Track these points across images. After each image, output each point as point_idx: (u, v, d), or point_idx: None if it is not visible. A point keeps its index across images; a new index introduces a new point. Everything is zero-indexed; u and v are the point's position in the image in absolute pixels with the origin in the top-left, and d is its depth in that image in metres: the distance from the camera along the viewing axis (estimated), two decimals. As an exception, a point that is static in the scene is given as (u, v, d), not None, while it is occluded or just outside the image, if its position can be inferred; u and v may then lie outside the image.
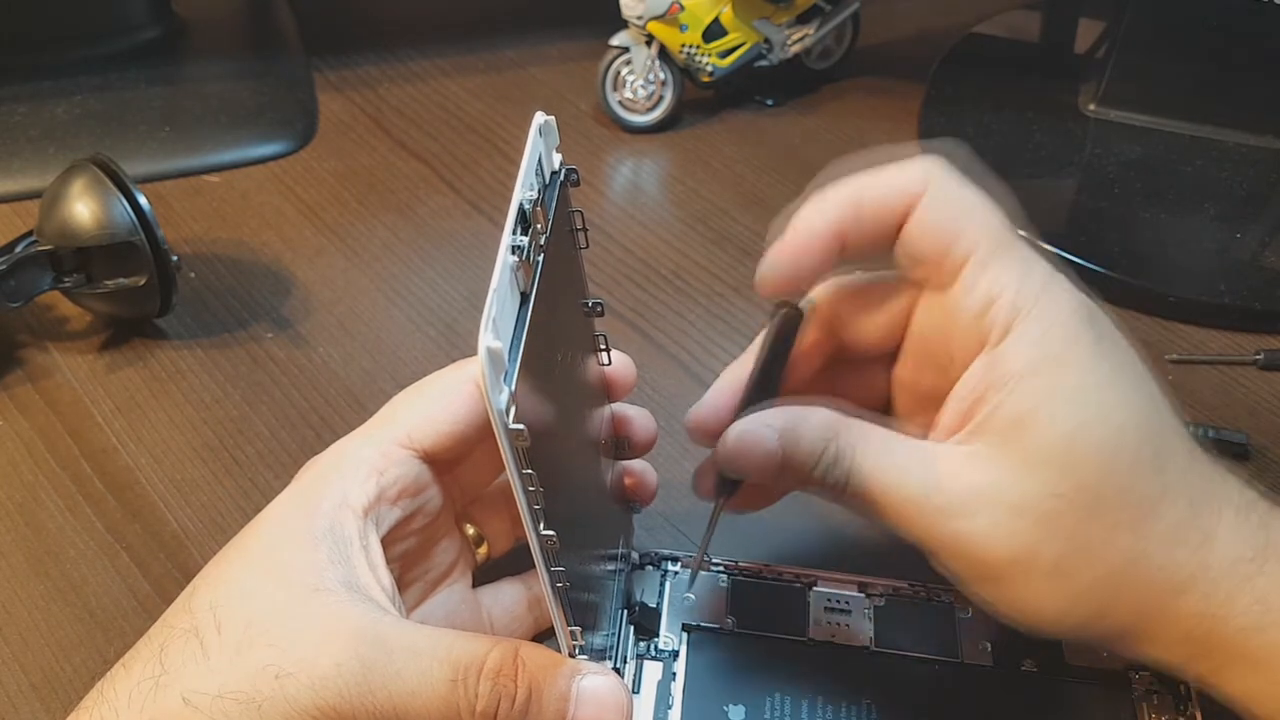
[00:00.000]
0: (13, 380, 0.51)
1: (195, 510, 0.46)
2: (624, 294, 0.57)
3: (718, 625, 0.40)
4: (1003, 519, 0.32)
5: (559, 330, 0.33)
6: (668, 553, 0.42)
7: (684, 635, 0.40)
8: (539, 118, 0.32)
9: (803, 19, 0.67)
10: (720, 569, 0.42)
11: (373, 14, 0.76)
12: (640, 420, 0.40)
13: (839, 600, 0.41)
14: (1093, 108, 0.66)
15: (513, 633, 0.40)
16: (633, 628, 0.39)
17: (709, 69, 0.65)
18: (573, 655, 0.33)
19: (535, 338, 0.29)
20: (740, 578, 0.42)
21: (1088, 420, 0.32)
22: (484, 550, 0.40)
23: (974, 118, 0.66)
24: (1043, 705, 0.38)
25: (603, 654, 0.36)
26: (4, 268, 0.48)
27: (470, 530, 0.40)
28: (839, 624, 0.40)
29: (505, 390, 0.27)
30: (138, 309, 0.51)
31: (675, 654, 0.39)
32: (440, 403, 0.36)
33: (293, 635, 0.30)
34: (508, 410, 0.27)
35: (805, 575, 0.42)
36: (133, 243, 0.49)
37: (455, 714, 0.31)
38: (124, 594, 0.43)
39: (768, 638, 0.40)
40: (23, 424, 0.49)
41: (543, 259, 0.30)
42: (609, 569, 0.38)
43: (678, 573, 0.42)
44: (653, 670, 0.39)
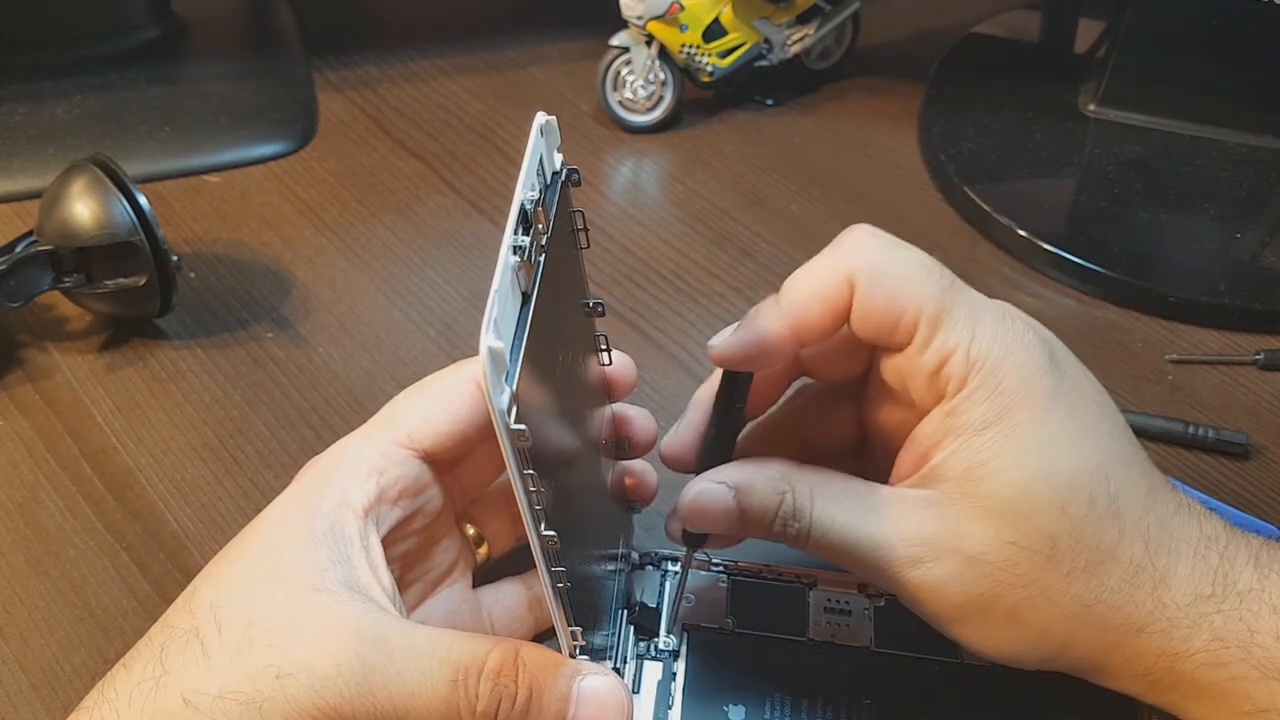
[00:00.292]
0: (13, 380, 0.51)
1: (195, 510, 0.46)
2: (624, 294, 0.57)
3: (717, 625, 0.40)
4: (959, 567, 0.33)
5: (560, 330, 0.33)
6: (668, 553, 0.42)
7: (684, 635, 0.40)
8: (540, 118, 0.32)
9: (803, 19, 0.67)
10: (720, 569, 0.42)
11: (373, 14, 0.76)
12: (640, 420, 0.40)
13: (839, 600, 0.41)
14: (1093, 108, 0.66)
15: (513, 633, 0.40)
16: (633, 628, 0.39)
17: (709, 69, 0.65)
18: (573, 655, 0.33)
19: (536, 338, 0.29)
20: (740, 578, 0.42)
21: (1041, 471, 0.32)
22: (484, 550, 0.40)
23: (974, 118, 0.66)
24: (1043, 705, 0.38)
25: (603, 654, 0.36)
26: (4, 268, 0.48)
27: (470, 530, 0.40)
28: (839, 624, 0.40)
29: (507, 390, 0.27)
30: (138, 309, 0.51)
31: (675, 654, 0.39)
32: (441, 403, 0.36)
33: (293, 635, 0.30)
34: (509, 410, 0.27)
35: (805, 575, 0.42)
36: (133, 243, 0.49)
37: (456, 714, 0.31)
38: (124, 594, 0.43)
39: (767, 638, 0.40)
40: (23, 424, 0.49)
41: (544, 259, 0.30)
42: (609, 569, 0.38)
43: (677, 572, 0.42)
44: (653, 670, 0.39)
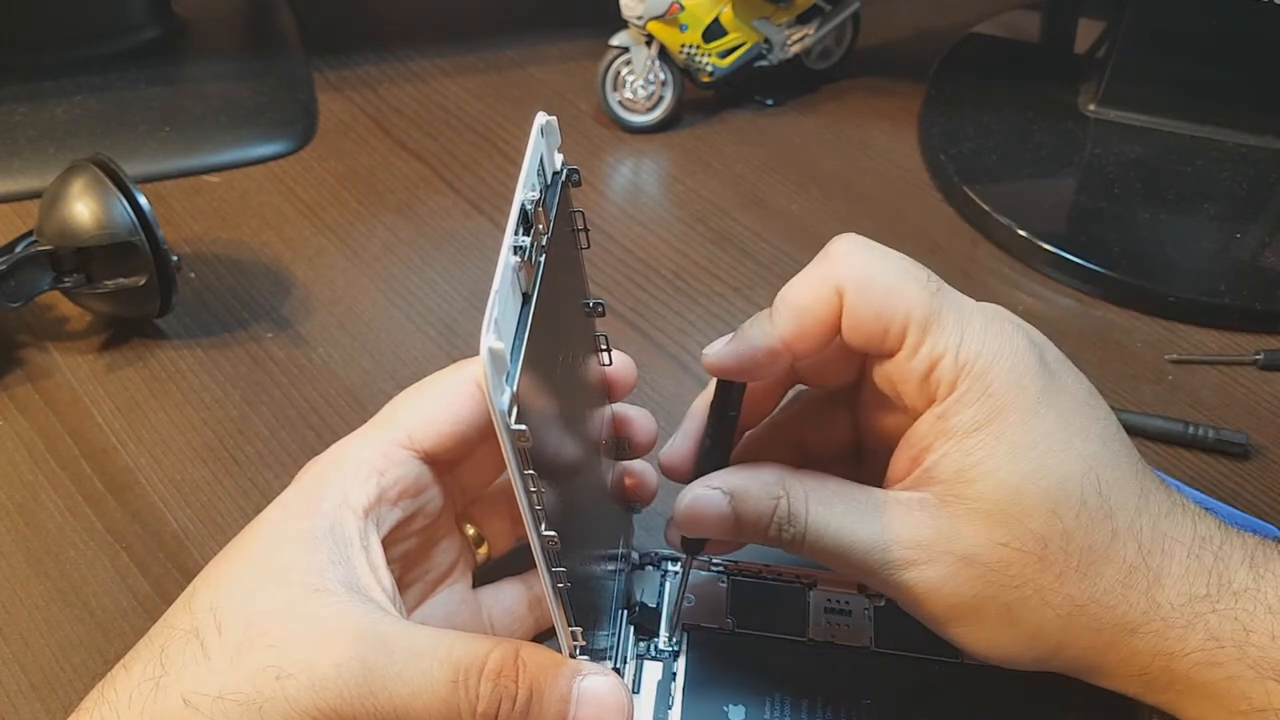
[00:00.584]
0: (13, 380, 0.51)
1: (195, 510, 0.46)
2: (624, 294, 0.56)
3: (717, 625, 0.40)
4: (952, 569, 0.33)
5: (560, 331, 0.33)
6: (668, 553, 0.42)
7: (684, 635, 0.40)
8: (541, 118, 0.32)
9: (803, 19, 0.67)
10: (720, 569, 0.42)
11: (373, 14, 0.76)
12: (640, 421, 0.40)
13: (839, 600, 0.41)
14: (1093, 108, 0.66)
15: (513, 633, 0.40)
16: (633, 628, 0.39)
17: (709, 69, 0.65)
18: (573, 655, 0.33)
19: (537, 338, 0.29)
20: (740, 578, 0.42)
21: (1031, 473, 0.32)
22: (484, 550, 0.40)
23: (974, 118, 0.66)
24: (1042, 705, 0.38)
25: (603, 654, 0.36)
26: (4, 268, 0.48)
27: (470, 530, 0.40)
28: (839, 624, 0.40)
29: (507, 390, 0.27)
30: (138, 309, 0.51)
31: (675, 654, 0.39)
32: (441, 403, 0.36)
33: (293, 636, 0.30)
34: (510, 410, 0.27)
35: (805, 576, 0.42)
36: (133, 243, 0.49)
37: (456, 715, 0.31)
38: (124, 594, 0.43)
39: (767, 638, 0.40)
40: (23, 424, 0.49)
41: (544, 259, 0.30)
42: (609, 569, 0.38)
43: (677, 573, 0.42)
44: (653, 670, 0.39)
